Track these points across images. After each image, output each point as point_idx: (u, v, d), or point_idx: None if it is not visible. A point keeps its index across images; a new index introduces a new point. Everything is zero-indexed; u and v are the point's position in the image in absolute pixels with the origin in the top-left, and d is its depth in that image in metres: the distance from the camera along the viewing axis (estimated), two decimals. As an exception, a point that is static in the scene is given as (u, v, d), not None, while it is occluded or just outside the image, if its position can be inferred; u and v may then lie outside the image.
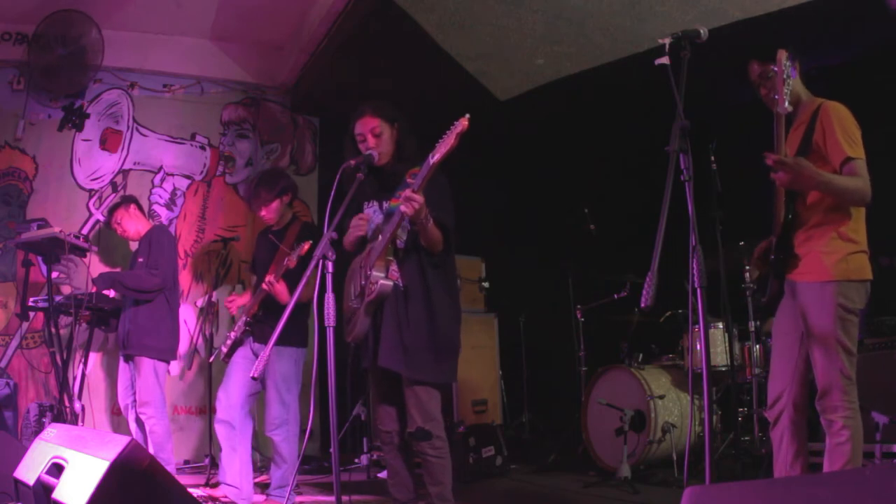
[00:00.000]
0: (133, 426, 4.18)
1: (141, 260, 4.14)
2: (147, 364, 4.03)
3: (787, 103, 2.27)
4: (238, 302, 3.99)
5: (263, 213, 3.83)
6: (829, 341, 2.37)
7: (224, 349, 3.83)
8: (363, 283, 2.67)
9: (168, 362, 4.19)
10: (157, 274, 4.05)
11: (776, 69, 2.26)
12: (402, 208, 2.46)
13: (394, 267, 2.66)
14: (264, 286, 3.59)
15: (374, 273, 2.60)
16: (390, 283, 2.61)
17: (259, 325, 3.70)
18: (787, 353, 2.55)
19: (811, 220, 2.50)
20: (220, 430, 3.66)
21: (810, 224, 2.50)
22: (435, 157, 2.38)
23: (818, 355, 2.40)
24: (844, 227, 2.45)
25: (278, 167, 5.79)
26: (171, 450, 4.11)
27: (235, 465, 3.63)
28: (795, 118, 2.57)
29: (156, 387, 4.05)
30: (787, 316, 2.57)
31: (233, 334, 3.78)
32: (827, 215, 2.47)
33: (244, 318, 3.75)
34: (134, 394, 4.10)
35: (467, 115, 2.34)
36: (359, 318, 2.67)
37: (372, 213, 2.82)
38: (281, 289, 3.54)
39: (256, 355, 3.66)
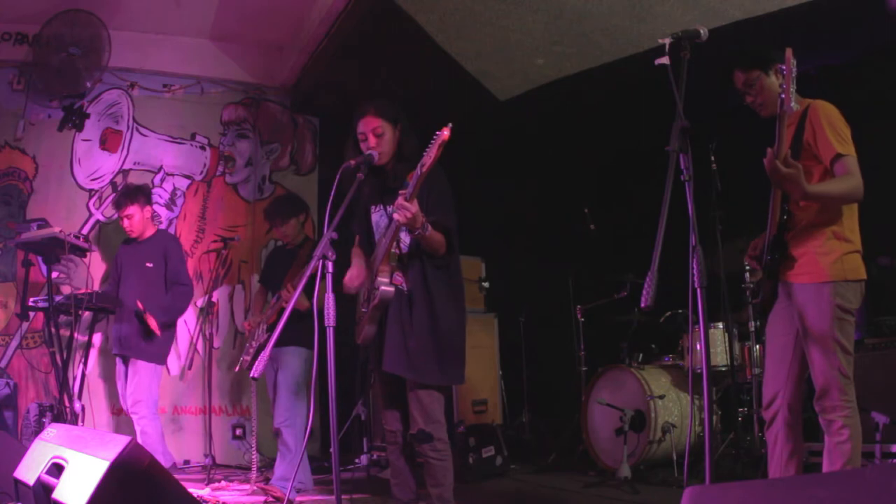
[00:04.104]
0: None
1: (150, 265, 4.28)
2: (145, 367, 4.15)
3: (793, 102, 2.26)
4: (252, 322, 4.19)
5: (280, 232, 4.22)
6: (826, 341, 2.37)
7: (247, 358, 3.99)
8: (370, 287, 2.70)
9: (163, 363, 4.31)
10: (188, 291, 4.35)
11: (785, 68, 2.25)
12: (395, 216, 2.50)
13: (398, 272, 2.69)
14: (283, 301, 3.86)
15: (379, 279, 2.63)
16: (392, 288, 2.63)
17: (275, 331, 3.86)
18: (782, 354, 2.55)
19: (805, 220, 2.50)
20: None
21: (805, 224, 2.50)
22: (423, 168, 2.42)
23: (816, 356, 2.40)
24: (839, 227, 2.45)
25: (291, 194, 5.68)
26: (162, 453, 4.18)
27: (295, 463, 3.79)
28: (786, 119, 2.56)
29: (150, 388, 4.17)
30: (782, 317, 2.57)
31: (254, 343, 3.97)
32: (821, 216, 2.47)
33: (263, 327, 3.94)
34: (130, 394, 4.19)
35: (450, 125, 2.38)
36: (365, 323, 2.71)
37: (378, 217, 2.85)
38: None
39: (276, 360, 3.92)
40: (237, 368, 4.14)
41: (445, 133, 2.36)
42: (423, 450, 2.63)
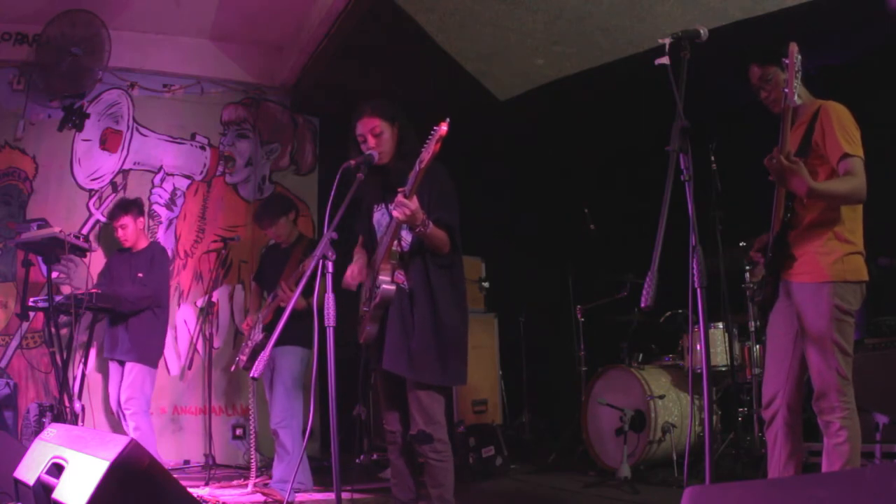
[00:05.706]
0: (127, 427, 4.28)
1: (141, 275, 4.40)
2: (139, 368, 4.28)
3: (796, 96, 2.26)
4: (250, 320, 4.21)
5: (272, 232, 4.23)
6: (824, 342, 2.37)
7: (242, 357, 3.99)
8: (371, 286, 2.69)
9: (155, 367, 4.44)
10: (145, 291, 4.36)
11: (788, 62, 2.25)
12: (394, 213, 2.49)
13: (399, 270, 2.68)
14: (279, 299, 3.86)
15: (380, 277, 2.62)
16: (393, 287, 2.62)
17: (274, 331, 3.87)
18: (782, 353, 2.55)
19: (808, 219, 2.49)
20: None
21: (807, 223, 2.49)
22: (422, 164, 2.41)
23: (814, 356, 2.39)
24: (841, 228, 2.45)
25: (278, 193, 5.80)
26: (153, 448, 4.24)
27: (294, 464, 3.80)
28: (796, 118, 2.56)
29: (144, 387, 4.30)
30: (782, 316, 2.57)
31: (250, 342, 3.97)
32: (824, 215, 2.46)
33: (260, 326, 3.95)
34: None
35: (447, 120, 2.36)
36: (367, 322, 2.70)
37: (380, 216, 2.84)
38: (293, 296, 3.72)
39: (273, 359, 3.92)
40: (233, 368, 4.16)
41: (443, 128, 2.35)
42: (424, 451, 2.62)
